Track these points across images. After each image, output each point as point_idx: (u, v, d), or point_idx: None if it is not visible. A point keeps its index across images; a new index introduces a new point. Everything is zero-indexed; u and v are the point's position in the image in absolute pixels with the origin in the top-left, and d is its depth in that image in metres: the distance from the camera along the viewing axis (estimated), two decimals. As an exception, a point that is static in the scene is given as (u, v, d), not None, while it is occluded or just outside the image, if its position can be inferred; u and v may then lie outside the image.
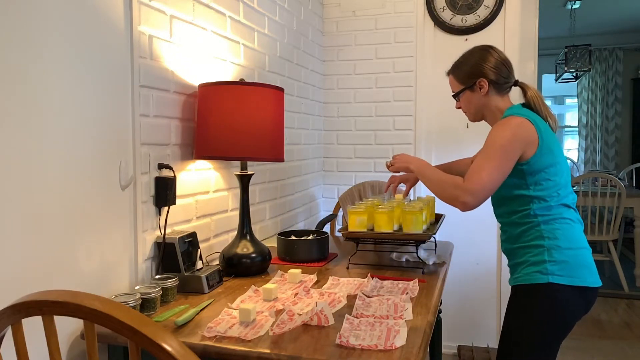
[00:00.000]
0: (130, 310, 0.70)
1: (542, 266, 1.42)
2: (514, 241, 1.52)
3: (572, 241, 1.44)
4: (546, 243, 1.44)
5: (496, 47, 1.59)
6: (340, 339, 1.09)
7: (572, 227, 1.46)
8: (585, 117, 6.64)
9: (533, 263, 1.45)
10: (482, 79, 1.54)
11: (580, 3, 5.21)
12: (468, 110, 1.62)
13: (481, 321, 2.86)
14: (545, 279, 1.41)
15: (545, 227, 1.44)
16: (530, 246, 1.47)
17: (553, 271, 1.41)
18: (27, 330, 0.82)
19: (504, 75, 1.55)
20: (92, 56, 1.29)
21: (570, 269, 1.41)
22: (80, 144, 1.26)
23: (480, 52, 1.57)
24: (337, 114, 3.08)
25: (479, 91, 1.55)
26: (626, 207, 4.26)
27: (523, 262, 1.48)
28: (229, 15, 1.97)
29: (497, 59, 1.54)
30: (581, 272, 1.42)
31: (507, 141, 1.39)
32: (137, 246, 1.46)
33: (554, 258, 1.42)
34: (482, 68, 1.54)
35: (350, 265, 1.80)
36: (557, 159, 1.45)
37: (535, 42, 2.75)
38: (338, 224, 2.91)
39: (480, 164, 1.40)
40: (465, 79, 1.57)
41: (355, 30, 3.01)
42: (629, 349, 3.04)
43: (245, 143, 1.55)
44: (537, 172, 1.43)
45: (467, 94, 1.58)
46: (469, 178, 1.39)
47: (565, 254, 1.42)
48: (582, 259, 1.44)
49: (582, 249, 1.45)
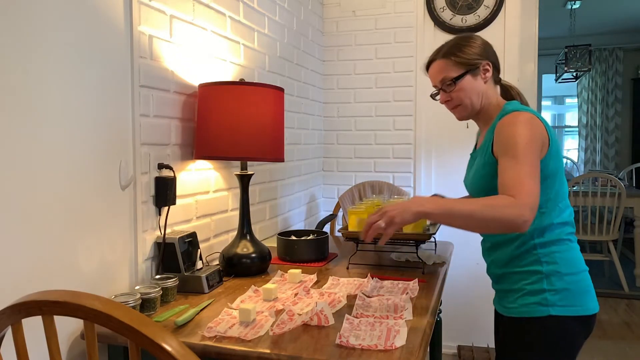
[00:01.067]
0: (130, 310, 0.70)
1: (542, 296, 1.25)
2: (502, 265, 1.35)
3: (573, 265, 1.28)
4: (544, 269, 1.26)
5: None
6: (340, 339, 1.09)
7: (571, 248, 1.30)
8: (585, 117, 6.64)
9: (530, 292, 1.27)
10: (487, 62, 1.35)
11: (580, 3, 5.21)
12: (462, 101, 1.37)
13: (481, 321, 2.86)
14: (546, 312, 1.24)
15: (543, 250, 1.27)
16: (525, 272, 1.29)
17: (554, 302, 1.24)
18: (27, 330, 0.82)
19: (499, 66, 1.40)
20: (92, 56, 1.29)
21: (573, 297, 1.25)
22: (80, 144, 1.26)
23: (479, 37, 1.40)
24: (337, 114, 3.08)
25: (483, 76, 1.35)
26: (626, 207, 4.26)
27: (518, 290, 1.30)
28: (229, 15, 1.97)
29: (491, 46, 1.40)
30: (584, 300, 1.27)
31: (529, 139, 1.19)
32: (137, 246, 1.46)
33: (554, 286, 1.25)
34: (488, 51, 1.36)
35: (350, 265, 1.80)
36: (561, 165, 1.29)
37: (535, 42, 2.75)
38: (338, 224, 2.91)
39: (515, 171, 1.16)
40: (468, 61, 1.34)
41: (355, 30, 3.01)
42: (629, 349, 3.04)
43: (245, 143, 1.55)
44: (544, 179, 1.24)
45: (468, 79, 1.34)
46: (515, 191, 1.13)
47: (566, 280, 1.26)
48: (584, 284, 1.28)
49: (582, 272, 1.29)
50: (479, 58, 1.34)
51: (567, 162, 6.62)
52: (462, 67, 1.34)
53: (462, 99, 1.36)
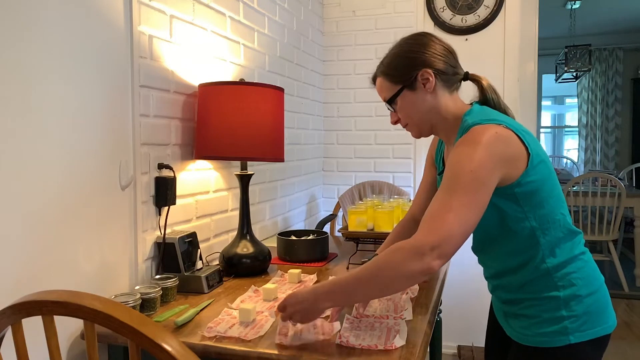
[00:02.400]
0: (130, 310, 0.70)
1: (561, 325, 1.11)
2: (513, 291, 1.19)
3: (591, 283, 1.14)
4: (562, 294, 1.11)
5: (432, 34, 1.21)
6: (340, 339, 1.09)
7: (586, 263, 1.15)
8: (585, 117, 6.64)
9: (548, 321, 1.12)
10: (425, 70, 1.14)
11: (580, 3, 5.21)
12: (410, 120, 1.19)
13: (481, 321, 2.84)
14: (566, 341, 1.10)
15: (557, 273, 1.12)
16: (541, 298, 1.13)
17: (574, 329, 1.10)
18: (27, 330, 0.82)
19: (452, 65, 1.17)
20: (92, 56, 1.29)
21: (595, 320, 1.12)
22: (80, 144, 1.26)
23: (415, 38, 1.19)
24: (337, 114, 3.08)
25: (423, 88, 1.15)
26: (626, 207, 4.26)
27: (532, 317, 1.14)
28: (229, 15, 1.97)
29: (439, 43, 1.17)
30: (605, 318, 1.14)
31: (480, 165, 1.00)
32: (137, 246, 1.46)
33: (574, 312, 1.11)
34: (422, 56, 1.14)
35: (350, 265, 1.81)
36: (550, 168, 1.12)
37: (535, 42, 2.75)
38: (338, 224, 2.91)
39: (443, 202, 1.00)
40: (400, 75, 1.16)
41: (355, 30, 3.01)
42: (629, 349, 3.04)
43: (245, 143, 1.55)
44: (535, 192, 1.08)
45: (407, 95, 1.16)
46: (428, 227, 0.98)
47: (586, 303, 1.12)
48: (604, 301, 1.15)
49: (601, 286, 1.16)
50: (413, 68, 1.15)
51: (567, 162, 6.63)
52: (398, 83, 1.17)
53: (409, 118, 1.20)
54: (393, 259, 0.98)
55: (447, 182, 1.02)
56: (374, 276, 1.00)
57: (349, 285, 1.03)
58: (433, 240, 0.96)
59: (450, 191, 1.00)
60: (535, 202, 1.09)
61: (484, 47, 2.78)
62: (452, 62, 1.17)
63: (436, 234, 0.96)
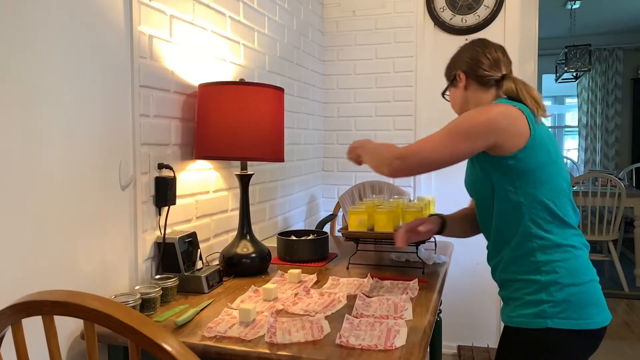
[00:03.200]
0: (130, 310, 0.70)
1: (540, 308, 1.20)
2: (505, 270, 1.30)
3: (576, 275, 1.21)
4: (544, 278, 1.21)
5: (488, 41, 1.43)
6: (340, 339, 1.09)
7: (576, 256, 1.23)
8: (585, 117, 6.64)
9: (529, 303, 1.22)
10: (458, 71, 1.41)
11: (580, 3, 5.21)
12: (454, 108, 1.47)
13: (481, 321, 2.86)
14: (543, 324, 1.19)
15: (543, 257, 1.22)
16: (524, 280, 1.24)
17: (552, 314, 1.19)
18: (27, 330, 0.82)
19: (485, 68, 1.37)
20: (92, 56, 1.29)
21: (574, 310, 1.19)
22: (80, 144, 1.26)
23: (464, 46, 1.46)
24: (337, 114, 3.08)
25: (459, 85, 1.42)
26: (626, 207, 4.26)
27: (517, 299, 1.26)
28: (229, 15, 1.97)
29: (478, 50, 1.39)
30: (587, 312, 1.20)
31: (475, 125, 1.20)
32: (137, 246, 1.46)
33: (553, 298, 1.20)
34: (458, 60, 1.42)
35: (350, 265, 1.80)
36: (554, 159, 1.24)
37: (535, 42, 2.75)
38: (338, 224, 2.91)
39: (430, 135, 1.25)
40: (447, 75, 1.48)
41: (355, 30, 3.01)
42: (629, 349, 3.04)
43: (245, 143, 1.55)
44: (529, 172, 1.21)
45: (451, 90, 1.47)
46: (409, 145, 1.26)
47: (567, 291, 1.20)
48: (589, 296, 1.21)
49: (588, 282, 1.22)
50: (452, 70, 1.44)
51: (567, 162, 6.63)
52: (447, 81, 1.49)
53: (454, 107, 1.48)
54: (383, 153, 1.29)
55: (445, 126, 1.25)
56: (375, 154, 1.33)
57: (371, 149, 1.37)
58: (404, 152, 1.24)
59: (440, 131, 1.25)
60: (526, 180, 1.22)
61: (484, 47, 2.78)
62: (484, 65, 1.38)
63: (409, 149, 1.25)
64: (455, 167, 2.96)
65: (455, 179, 2.85)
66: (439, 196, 2.87)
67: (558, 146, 1.29)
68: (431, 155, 1.22)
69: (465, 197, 1.61)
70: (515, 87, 1.31)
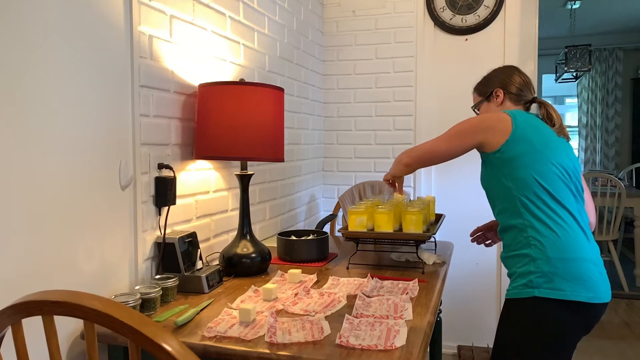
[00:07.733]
0: (130, 310, 0.70)
1: (528, 278, 1.34)
2: (506, 249, 1.47)
3: (565, 250, 1.33)
4: (533, 252, 1.35)
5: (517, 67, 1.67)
6: (340, 339, 1.09)
7: (567, 234, 1.35)
8: (585, 117, 6.64)
9: (520, 275, 1.37)
10: (498, 89, 1.61)
11: (580, 3, 5.21)
12: None
13: (481, 321, 2.86)
14: (531, 293, 1.32)
15: (534, 233, 1.37)
16: (518, 256, 1.40)
17: (539, 284, 1.32)
18: (27, 330, 0.82)
19: (520, 87, 1.60)
20: (92, 56, 1.29)
21: (559, 281, 1.31)
22: (80, 144, 1.26)
23: (502, 68, 1.67)
24: (337, 114, 3.08)
25: (495, 100, 1.62)
26: (626, 207, 4.26)
27: (512, 274, 1.42)
28: (229, 15, 1.97)
29: (516, 74, 1.62)
30: (575, 286, 1.30)
31: (468, 125, 1.46)
32: (137, 246, 1.46)
33: (540, 269, 1.33)
34: (498, 79, 1.63)
35: (350, 265, 1.80)
36: (538, 148, 1.39)
37: (535, 42, 2.75)
38: (338, 224, 2.91)
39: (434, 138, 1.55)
40: (483, 90, 1.66)
41: (355, 30, 3.01)
42: (629, 349, 3.04)
43: (245, 143, 1.55)
44: (513, 159, 1.40)
45: (484, 104, 1.66)
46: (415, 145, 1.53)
47: (554, 264, 1.32)
48: (576, 271, 1.32)
49: (577, 260, 1.33)
50: (491, 87, 1.64)
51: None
52: (480, 97, 1.68)
53: None
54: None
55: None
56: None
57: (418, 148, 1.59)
58: (410, 149, 1.58)
59: (442, 134, 1.51)
60: (512, 166, 1.41)
61: (484, 47, 2.78)
62: (520, 88, 1.61)
63: (414, 147, 1.58)
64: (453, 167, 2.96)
65: (454, 177, 2.85)
66: (439, 196, 2.87)
67: (549, 139, 1.44)
68: (431, 149, 1.53)
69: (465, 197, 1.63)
70: (547, 111, 1.53)
